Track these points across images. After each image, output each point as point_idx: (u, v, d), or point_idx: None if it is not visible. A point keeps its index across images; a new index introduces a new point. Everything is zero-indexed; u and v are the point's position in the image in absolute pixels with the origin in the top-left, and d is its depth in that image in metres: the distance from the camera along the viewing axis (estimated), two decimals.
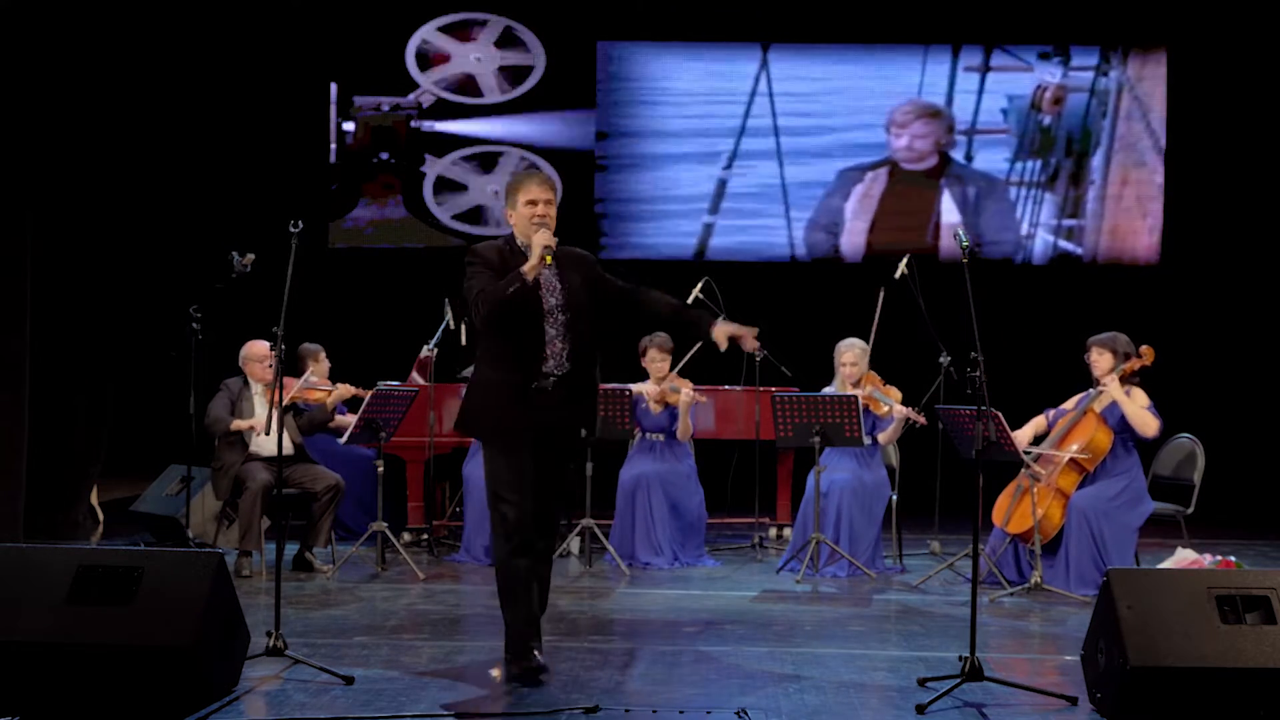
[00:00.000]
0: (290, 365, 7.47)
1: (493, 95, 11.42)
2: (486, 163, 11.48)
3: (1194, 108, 10.97)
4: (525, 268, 4.69)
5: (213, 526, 7.61)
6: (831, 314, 8.85)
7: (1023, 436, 6.90)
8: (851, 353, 7.45)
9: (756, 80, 11.33)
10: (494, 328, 4.82)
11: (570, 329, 4.85)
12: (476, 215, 11.47)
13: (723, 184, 11.29)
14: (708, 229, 11.32)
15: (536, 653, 4.78)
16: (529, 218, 4.81)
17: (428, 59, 11.41)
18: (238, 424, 7.14)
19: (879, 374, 7.51)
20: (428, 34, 11.37)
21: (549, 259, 4.72)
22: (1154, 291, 10.86)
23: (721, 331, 4.94)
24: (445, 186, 11.47)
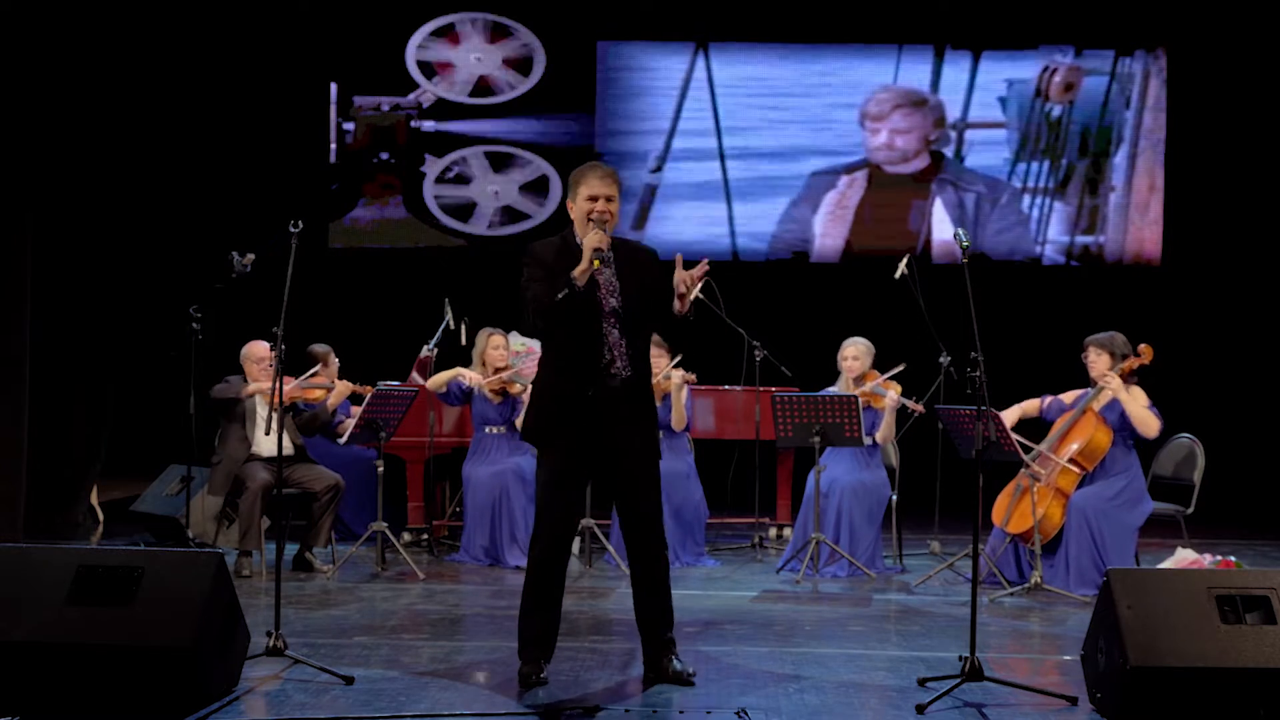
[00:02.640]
0: (302, 366, 7.46)
1: (493, 95, 11.41)
2: (487, 162, 11.47)
3: (1194, 107, 10.95)
4: (575, 272, 4.44)
5: (213, 526, 7.61)
6: (832, 315, 8.84)
7: (1009, 416, 6.90)
8: (854, 348, 7.47)
9: (687, 72, 10.64)
10: (549, 335, 4.64)
11: (631, 330, 4.63)
12: (477, 215, 11.47)
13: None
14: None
15: (544, 662, 4.69)
16: (586, 213, 4.56)
17: (430, 65, 11.38)
18: (253, 388, 7.10)
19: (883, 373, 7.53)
20: (421, 40, 11.31)
21: (597, 263, 4.45)
22: (1155, 291, 10.86)
23: (680, 284, 4.51)
24: (445, 186, 11.47)
